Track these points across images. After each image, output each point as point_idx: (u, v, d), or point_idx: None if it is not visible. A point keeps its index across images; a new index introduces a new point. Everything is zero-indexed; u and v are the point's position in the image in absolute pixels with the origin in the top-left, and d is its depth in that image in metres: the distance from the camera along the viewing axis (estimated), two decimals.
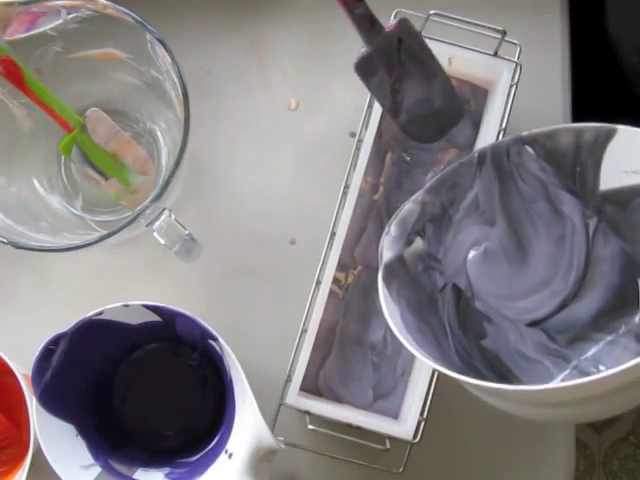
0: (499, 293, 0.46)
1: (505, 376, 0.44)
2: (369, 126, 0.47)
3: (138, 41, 0.43)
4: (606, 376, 0.30)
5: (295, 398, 0.45)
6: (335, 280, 0.47)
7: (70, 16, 0.44)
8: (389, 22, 0.42)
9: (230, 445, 0.43)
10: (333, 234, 0.46)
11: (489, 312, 0.46)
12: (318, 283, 0.46)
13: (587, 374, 0.43)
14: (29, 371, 0.41)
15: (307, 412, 0.45)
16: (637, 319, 0.43)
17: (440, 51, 0.45)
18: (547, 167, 0.44)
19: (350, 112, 0.51)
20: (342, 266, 0.47)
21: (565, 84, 0.52)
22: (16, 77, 0.43)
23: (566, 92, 0.52)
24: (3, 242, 0.41)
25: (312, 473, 0.50)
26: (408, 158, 0.49)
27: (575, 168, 0.43)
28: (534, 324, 0.46)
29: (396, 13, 0.46)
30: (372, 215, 0.49)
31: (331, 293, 0.46)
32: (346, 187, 0.46)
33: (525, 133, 0.44)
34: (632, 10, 0.55)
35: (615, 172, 0.42)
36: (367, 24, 0.41)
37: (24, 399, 0.43)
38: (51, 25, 0.44)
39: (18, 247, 0.41)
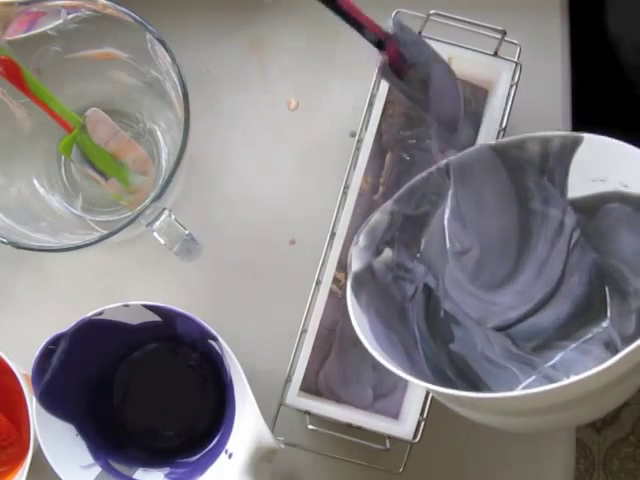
0: (470, 289, 0.46)
1: (474, 383, 0.44)
2: (369, 126, 0.47)
3: (138, 41, 0.43)
4: (570, 383, 0.29)
5: (295, 398, 0.45)
6: (335, 280, 0.46)
7: (70, 16, 0.44)
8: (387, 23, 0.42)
9: (230, 445, 0.43)
10: (333, 234, 0.46)
11: (457, 314, 0.46)
12: (318, 283, 0.46)
13: (553, 381, 0.43)
14: (29, 371, 0.41)
15: (307, 412, 0.45)
16: (604, 326, 0.43)
17: (440, 51, 0.45)
18: (518, 176, 0.44)
19: (350, 112, 0.51)
20: (342, 266, 0.47)
21: (565, 84, 0.52)
22: (16, 77, 0.43)
23: (566, 92, 0.52)
24: (3, 242, 0.41)
25: (312, 473, 0.50)
26: (408, 158, 0.49)
27: (543, 177, 0.43)
28: (500, 329, 0.46)
29: (396, 13, 0.46)
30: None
31: (331, 293, 0.46)
32: (346, 187, 0.46)
33: (493, 142, 0.44)
34: (632, 10, 0.55)
35: (582, 181, 0.42)
36: (377, 43, 0.42)
37: (24, 399, 0.43)
38: (51, 25, 0.44)
39: (18, 247, 0.41)
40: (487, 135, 0.47)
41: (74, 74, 0.47)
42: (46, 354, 0.41)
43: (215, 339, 0.41)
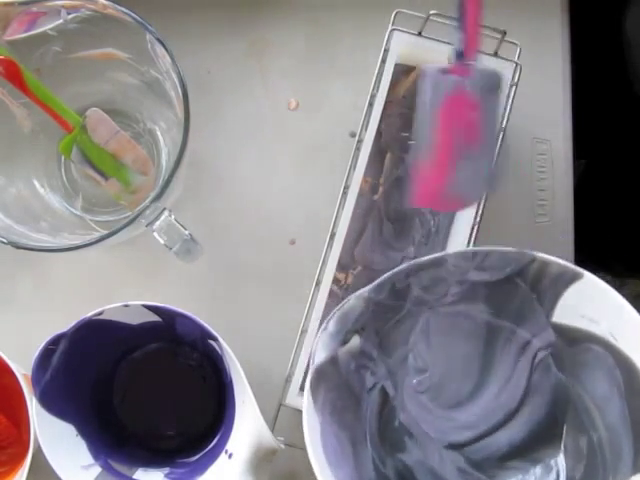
0: (428, 406, 0.45)
1: None
2: (369, 126, 0.47)
3: (138, 41, 0.43)
4: None
5: (295, 398, 0.45)
6: (335, 280, 0.46)
7: (70, 16, 0.44)
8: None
9: (230, 445, 0.43)
10: (333, 234, 0.46)
11: (412, 428, 0.45)
12: (318, 283, 0.46)
13: None
14: (29, 371, 0.41)
15: None
16: (560, 457, 0.43)
17: (440, 51, 0.45)
18: (505, 292, 0.42)
19: (350, 112, 0.51)
20: (342, 266, 0.47)
21: (565, 84, 0.52)
22: (16, 77, 0.43)
23: (566, 92, 0.52)
24: (3, 242, 0.41)
25: (312, 473, 0.49)
26: (408, 158, 0.49)
27: (532, 295, 0.42)
28: (454, 447, 0.45)
29: (396, 13, 0.46)
30: (372, 215, 0.49)
31: (331, 293, 0.46)
32: (346, 187, 0.46)
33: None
34: (633, 9, 0.55)
35: (572, 312, 0.41)
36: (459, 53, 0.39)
37: (24, 399, 0.43)
38: (51, 25, 0.44)
39: (18, 247, 0.41)
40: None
41: (74, 74, 0.47)
42: (46, 354, 0.41)
43: (215, 339, 0.41)
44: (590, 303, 0.39)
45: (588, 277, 0.39)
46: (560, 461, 0.43)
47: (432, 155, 0.38)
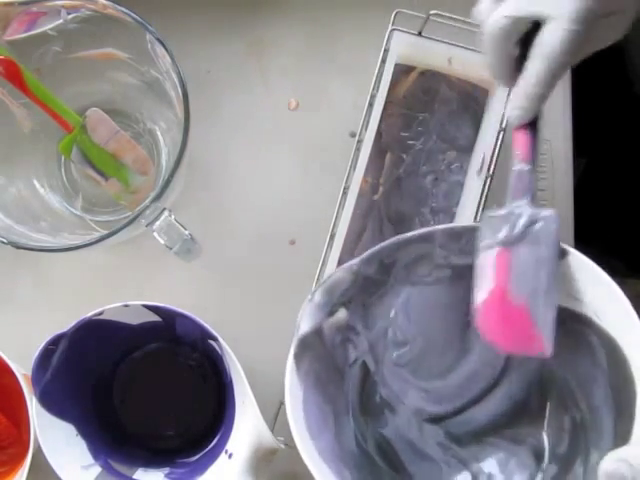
0: (409, 379, 0.45)
1: (396, 468, 0.43)
2: (369, 126, 0.47)
3: (138, 41, 0.43)
4: None
5: None
6: None
7: (70, 16, 0.44)
8: None
9: (230, 445, 0.43)
10: (333, 234, 0.46)
11: (393, 402, 0.44)
12: (318, 283, 0.46)
13: None
14: (29, 371, 0.41)
15: None
16: (542, 436, 0.42)
17: (440, 51, 0.45)
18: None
19: (350, 112, 0.51)
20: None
21: (565, 84, 0.52)
22: (16, 77, 0.43)
23: (566, 92, 0.52)
24: (3, 242, 0.41)
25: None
26: (408, 158, 0.49)
27: None
28: (436, 420, 0.44)
29: (396, 13, 0.46)
30: (372, 215, 0.49)
31: None
32: (346, 187, 0.46)
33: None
34: None
35: (560, 291, 0.39)
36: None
37: (24, 399, 0.43)
38: (51, 25, 0.44)
39: (18, 247, 0.41)
40: (487, 135, 0.47)
41: (74, 74, 0.47)
42: (46, 354, 0.41)
43: (215, 339, 0.41)
44: (576, 281, 0.39)
45: (574, 254, 0.38)
46: (542, 440, 0.42)
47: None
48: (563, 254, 0.38)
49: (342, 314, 0.42)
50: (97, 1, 0.42)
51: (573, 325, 0.40)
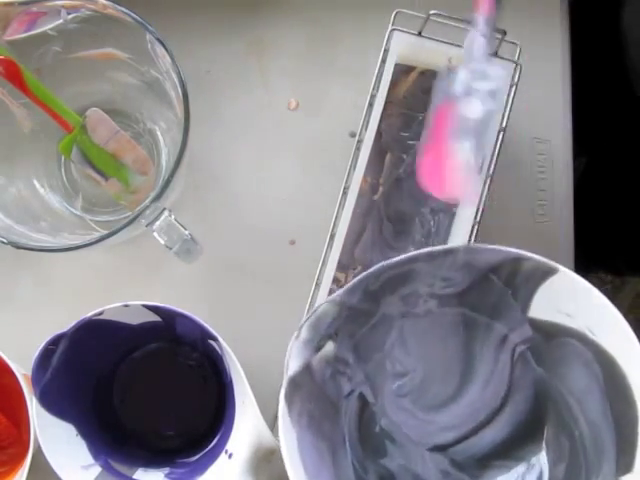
0: (411, 410, 0.44)
1: None
2: (369, 126, 0.47)
3: (138, 41, 0.43)
4: None
5: None
6: (335, 280, 0.46)
7: (70, 16, 0.44)
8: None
9: (230, 445, 0.43)
10: (333, 234, 0.46)
11: (394, 432, 0.44)
12: (318, 283, 0.46)
13: None
14: (29, 371, 0.41)
15: None
16: (542, 454, 0.42)
17: (440, 51, 0.45)
18: (480, 288, 0.42)
19: (350, 112, 0.51)
20: (342, 266, 0.47)
21: (565, 84, 0.52)
22: (16, 77, 0.43)
23: (566, 92, 0.52)
24: (3, 242, 0.41)
25: None
26: (408, 158, 0.49)
27: (507, 290, 0.41)
28: (438, 449, 0.44)
29: (396, 13, 0.46)
30: (372, 215, 0.49)
31: (331, 293, 0.46)
32: (346, 187, 0.46)
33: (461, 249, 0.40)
34: (633, 9, 0.55)
35: (548, 307, 0.40)
36: None
37: (24, 399, 0.43)
38: (51, 25, 0.44)
39: (18, 247, 0.41)
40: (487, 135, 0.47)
41: (74, 74, 0.47)
42: (46, 354, 0.41)
43: (215, 339, 0.41)
44: (566, 298, 0.39)
45: (563, 272, 0.38)
46: (542, 458, 0.43)
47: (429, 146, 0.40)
48: (551, 272, 0.38)
49: (330, 347, 0.41)
50: (97, 1, 0.42)
51: (567, 340, 0.40)
